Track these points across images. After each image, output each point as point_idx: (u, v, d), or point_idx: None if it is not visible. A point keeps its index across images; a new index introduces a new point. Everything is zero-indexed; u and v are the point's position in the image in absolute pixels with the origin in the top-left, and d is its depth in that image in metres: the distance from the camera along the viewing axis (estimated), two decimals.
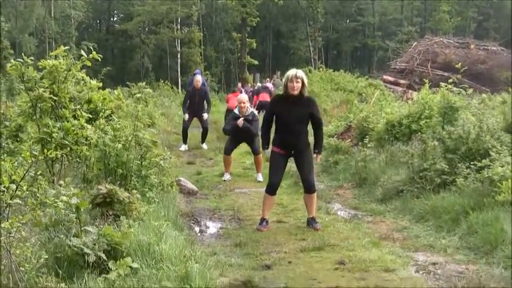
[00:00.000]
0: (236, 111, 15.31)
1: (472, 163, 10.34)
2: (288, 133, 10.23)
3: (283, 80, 10.14)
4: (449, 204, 9.79)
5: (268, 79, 47.52)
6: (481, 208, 9.12)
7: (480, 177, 9.77)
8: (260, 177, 14.97)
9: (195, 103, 20.54)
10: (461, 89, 14.17)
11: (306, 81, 10.06)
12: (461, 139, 11.17)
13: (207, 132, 21.34)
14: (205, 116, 20.90)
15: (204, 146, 21.14)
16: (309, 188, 10.54)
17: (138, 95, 18.33)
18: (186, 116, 20.46)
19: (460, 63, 15.66)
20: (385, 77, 43.77)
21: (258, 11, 61.00)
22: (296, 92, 9.87)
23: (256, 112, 15.79)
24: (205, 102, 20.91)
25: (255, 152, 15.22)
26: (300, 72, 9.92)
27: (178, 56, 71.24)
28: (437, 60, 41.88)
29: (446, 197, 10.14)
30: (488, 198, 9.20)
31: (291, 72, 9.95)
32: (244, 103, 15.26)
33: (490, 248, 8.08)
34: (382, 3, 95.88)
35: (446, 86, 13.99)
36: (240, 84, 40.65)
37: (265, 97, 28.86)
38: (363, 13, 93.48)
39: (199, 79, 20.68)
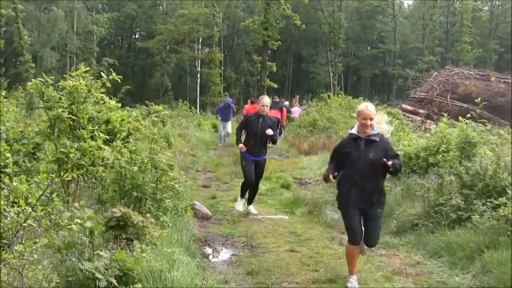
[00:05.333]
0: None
1: (488, 200, 10.26)
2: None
3: None
4: (464, 241, 9.73)
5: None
6: (496, 247, 9.06)
7: (496, 215, 9.69)
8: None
9: (256, 139, 13.79)
10: (480, 124, 14.09)
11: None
12: (478, 175, 11.12)
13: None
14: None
15: (251, 208, 14.24)
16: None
17: (155, 118, 18.16)
18: (243, 147, 13.77)
19: (479, 98, 15.59)
20: (404, 105, 43.59)
21: (279, 34, 61.08)
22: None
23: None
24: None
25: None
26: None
27: (198, 76, 71.49)
28: (457, 91, 41.70)
29: (461, 234, 10.07)
30: (503, 237, 9.13)
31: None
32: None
33: None
34: (404, 32, 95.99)
35: (464, 120, 13.93)
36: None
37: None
38: (384, 40, 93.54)
39: (267, 102, 14.01)
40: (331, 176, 8.55)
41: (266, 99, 14.06)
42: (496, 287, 8.19)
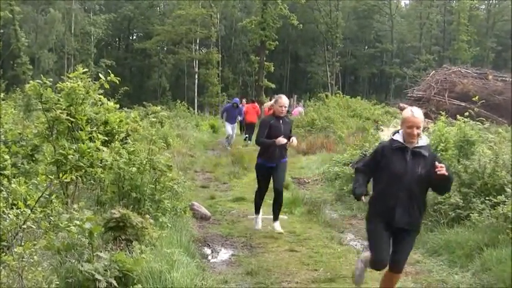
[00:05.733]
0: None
1: (487, 198, 10.27)
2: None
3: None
4: (463, 240, 9.74)
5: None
6: (495, 245, 9.06)
7: (495, 213, 9.70)
8: None
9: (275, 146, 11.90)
10: (478, 122, 14.09)
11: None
12: (476, 173, 11.12)
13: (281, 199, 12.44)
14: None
15: (277, 226, 12.13)
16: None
17: (153, 119, 18.18)
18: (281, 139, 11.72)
19: (477, 96, 15.61)
20: (401, 104, 43.43)
21: (277, 34, 61.11)
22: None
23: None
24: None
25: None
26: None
27: (196, 76, 71.52)
28: (454, 90, 41.65)
29: (460, 232, 10.07)
30: (502, 235, 9.14)
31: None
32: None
33: (504, 286, 8.00)
34: (401, 31, 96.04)
35: (463, 119, 13.92)
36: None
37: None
38: (381, 40, 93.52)
39: (285, 102, 12.26)
40: (363, 198, 7.19)
41: (284, 100, 12.20)
42: (495, 285, 8.20)
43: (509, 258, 8.44)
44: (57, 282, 6.05)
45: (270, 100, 13.86)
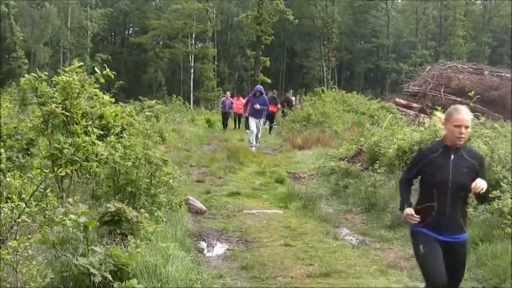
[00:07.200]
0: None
1: None
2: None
3: None
4: None
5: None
6: (490, 240, 9.08)
7: (490, 208, 9.70)
8: None
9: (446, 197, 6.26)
10: (473, 117, 14.08)
11: None
12: None
13: None
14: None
15: None
16: None
17: (148, 113, 18.15)
18: (413, 215, 6.26)
19: (473, 91, 15.62)
20: (397, 99, 43.67)
21: (273, 29, 61.09)
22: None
23: None
24: None
25: None
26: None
27: (192, 71, 71.48)
28: (450, 85, 41.81)
29: None
30: (497, 230, 9.14)
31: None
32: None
33: (499, 281, 8.03)
34: (397, 26, 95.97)
35: None
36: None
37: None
38: (377, 35, 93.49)
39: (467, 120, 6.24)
40: None
41: (464, 114, 6.18)
42: (490, 280, 8.21)
43: (504, 253, 8.45)
44: (52, 276, 6.04)
45: (266, 95, 13.78)
